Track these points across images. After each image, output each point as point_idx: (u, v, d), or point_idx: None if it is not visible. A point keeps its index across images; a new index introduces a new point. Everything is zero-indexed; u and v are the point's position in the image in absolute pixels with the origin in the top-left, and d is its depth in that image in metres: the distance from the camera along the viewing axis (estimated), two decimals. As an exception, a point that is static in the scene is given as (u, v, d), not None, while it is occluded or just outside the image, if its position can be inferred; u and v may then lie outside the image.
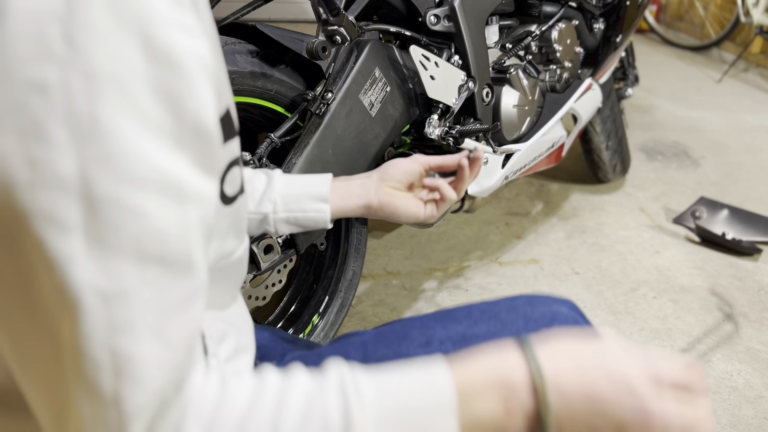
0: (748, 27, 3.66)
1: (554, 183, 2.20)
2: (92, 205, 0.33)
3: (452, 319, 0.68)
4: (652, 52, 3.96)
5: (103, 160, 0.33)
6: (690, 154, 2.51)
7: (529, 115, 1.43)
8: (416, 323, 0.69)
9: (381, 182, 0.82)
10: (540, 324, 0.67)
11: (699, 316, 1.59)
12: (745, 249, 1.82)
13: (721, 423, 1.28)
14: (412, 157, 0.83)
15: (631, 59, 2.07)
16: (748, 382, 1.39)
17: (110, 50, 0.33)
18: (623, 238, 1.90)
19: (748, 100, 3.21)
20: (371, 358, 0.65)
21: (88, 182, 0.33)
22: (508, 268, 1.72)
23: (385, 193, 0.81)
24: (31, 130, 0.32)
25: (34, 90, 0.32)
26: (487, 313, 0.68)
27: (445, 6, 1.17)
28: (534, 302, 0.70)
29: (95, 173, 0.33)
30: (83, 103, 0.33)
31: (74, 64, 0.33)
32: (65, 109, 0.32)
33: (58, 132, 0.33)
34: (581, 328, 0.65)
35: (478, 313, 0.69)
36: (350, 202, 0.81)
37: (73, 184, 0.33)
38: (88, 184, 0.33)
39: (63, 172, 0.33)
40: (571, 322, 0.68)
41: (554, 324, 0.67)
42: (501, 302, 0.70)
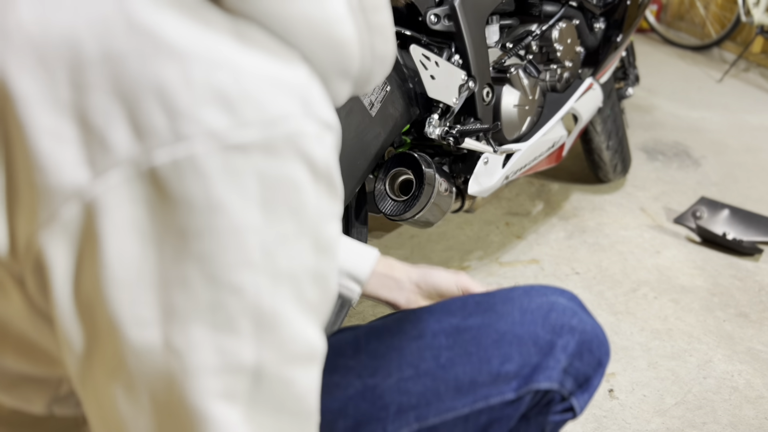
0: (748, 26, 3.66)
1: (555, 183, 2.19)
2: (259, 382, 0.38)
3: (446, 312, 0.68)
4: (653, 52, 3.95)
5: (276, 346, 0.38)
6: (691, 154, 2.50)
7: (529, 114, 1.43)
8: (409, 316, 0.68)
9: (417, 289, 0.78)
10: (536, 315, 0.66)
11: (699, 316, 1.58)
12: (746, 249, 1.82)
13: (721, 423, 1.28)
14: (457, 279, 0.78)
15: (631, 59, 2.06)
16: (749, 382, 1.39)
17: (293, 253, 0.37)
18: (624, 238, 1.90)
19: (749, 99, 3.21)
20: (363, 351, 0.65)
21: (260, 364, 0.37)
22: (509, 268, 1.72)
23: (414, 301, 0.78)
24: (225, 325, 0.36)
25: (233, 292, 0.36)
26: (483, 304, 0.68)
27: (445, 5, 1.17)
28: (531, 293, 0.69)
29: (267, 356, 0.37)
30: (268, 300, 0.37)
31: (265, 270, 0.36)
32: (254, 306, 0.36)
33: (246, 325, 0.36)
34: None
35: (473, 305, 0.68)
36: (381, 293, 0.78)
37: (249, 368, 0.37)
38: (260, 366, 0.37)
39: (244, 358, 0.37)
40: (569, 312, 0.67)
41: (551, 315, 0.66)
42: (497, 293, 0.69)
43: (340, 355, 0.65)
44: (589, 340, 0.67)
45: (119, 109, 0.34)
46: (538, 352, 0.65)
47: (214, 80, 0.34)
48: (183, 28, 0.35)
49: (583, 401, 0.68)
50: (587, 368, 0.66)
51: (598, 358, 0.67)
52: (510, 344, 0.64)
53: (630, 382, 1.36)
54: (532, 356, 0.64)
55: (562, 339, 0.65)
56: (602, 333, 0.69)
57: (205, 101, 0.34)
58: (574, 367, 0.66)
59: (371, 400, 0.62)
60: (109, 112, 0.34)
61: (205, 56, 0.35)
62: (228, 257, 0.35)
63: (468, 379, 0.63)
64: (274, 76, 0.36)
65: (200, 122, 0.34)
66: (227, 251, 0.35)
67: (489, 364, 0.64)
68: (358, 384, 0.63)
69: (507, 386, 0.64)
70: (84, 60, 0.35)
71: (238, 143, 0.34)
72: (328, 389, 0.62)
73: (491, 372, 0.64)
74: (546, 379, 0.64)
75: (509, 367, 0.64)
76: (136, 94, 0.34)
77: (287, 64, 0.37)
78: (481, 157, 1.30)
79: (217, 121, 0.34)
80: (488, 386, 0.63)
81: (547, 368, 0.64)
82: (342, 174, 1.05)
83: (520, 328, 0.65)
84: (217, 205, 0.34)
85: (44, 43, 0.35)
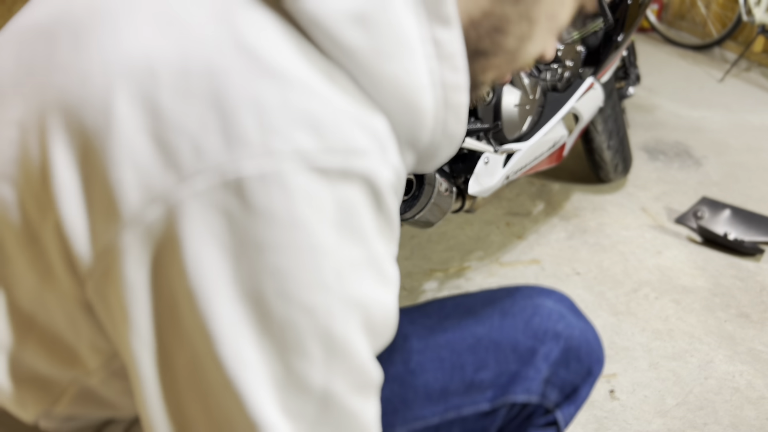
0: (750, 26, 3.65)
1: (555, 183, 2.19)
2: (326, 407, 0.39)
3: (422, 314, 0.64)
4: (654, 51, 3.95)
5: (345, 373, 0.39)
6: (692, 154, 2.50)
7: (530, 114, 1.43)
8: None
9: None
10: (518, 319, 0.62)
11: (701, 316, 1.58)
12: (747, 249, 1.81)
13: (722, 424, 1.27)
14: None
15: (632, 58, 2.06)
16: (750, 383, 1.38)
17: (361, 281, 0.39)
18: (625, 238, 1.89)
19: (751, 99, 3.20)
20: None
21: (329, 390, 0.38)
22: (509, 269, 1.72)
23: None
24: (294, 344, 0.37)
25: (305, 312, 0.36)
26: (461, 306, 0.64)
27: (445, 5, 1.17)
28: (515, 295, 0.64)
29: (336, 383, 0.38)
30: (338, 326, 0.38)
31: (337, 294, 0.37)
32: (324, 329, 0.37)
33: (316, 348, 0.37)
34: None
35: (451, 307, 0.64)
36: None
37: (317, 392, 0.38)
38: (328, 392, 0.38)
39: (313, 381, 0.38)
40: (555, 316, 0.63)
41: (534, 319, 0.62)
42: (479, 295, 0.65)
43: None
44: (576, 346, 0.62)
45: (214, 118, 0.35)
46: (516, 360, 0.60)
47: (308, 106, 0.36)
48: (286, 56, 0.37)
49: (568, 414, 0.63)
50: (574, 377, 0.62)
51: (588, 366, 0.63)
52: (486, 350, 0.60)
53: (631, 383, 1.36)
54: (509, 364, 0.60)
55: (544, 346, 0.61)
56: (594, 338, 0.64)
57: (298, 123, 0.36)
58: (558, 376, 0.61)
59: None
60: (203, 118, 0.35)
61: (303, 84, 0.37)
62: (303, 275, 0.36)
63: (439, 386, 0.59)
64: (359, 117, 0.38)
65: (291, 141, 0.35)
66: (303, 269, 0.36)
67: (462, 371, 0.60)
68: None
69: (481, 396, 0.60)
70: (189, 71, 0.36)
71: (322, 167, 0.36)
72: None
73: (464, 380, 0.60)
74: (524, 391, 0.60)
75: (484, 375, 0.60)
76: (233, 106, 0.35)
77: (370, 113, 0.40)
78: (481, 156, 1.30)
79: (306, 142, 0.35)
80: (461, 395, 0.59)
81: (526, 379, 0.60)
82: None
83: (498, 333, 0.61)
84: (298, 221, 0.35)
85: (147, 64, 0.37)
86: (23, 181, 0.39)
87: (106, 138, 0.36)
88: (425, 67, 0.41)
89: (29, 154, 0.39)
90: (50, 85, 0.39)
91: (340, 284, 0.37)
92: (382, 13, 0.39)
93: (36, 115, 0.39)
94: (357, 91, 0.40)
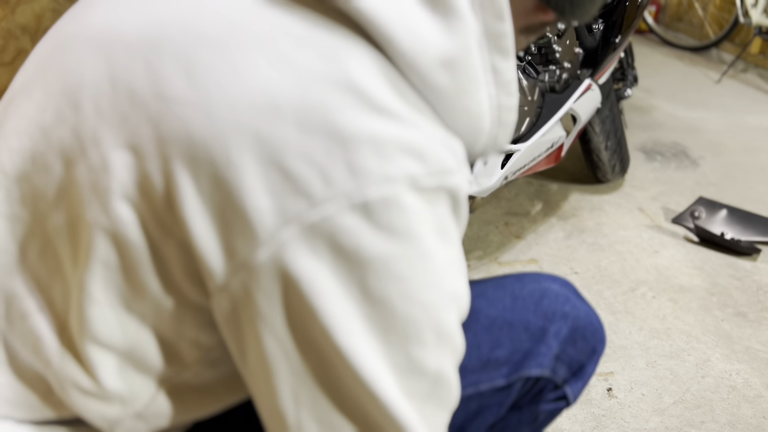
0: (747, 27, 3.67)
1: (553, 183, 2.20)
2: (437, 382, 0.46)
3: None
4: (651, 53, 3.96)
5: (450, 353, 0.47)
6: (689, 154, 2.51)
7: (528, 115, 1.44)
8: None
9: None
10: (528, 301, 0.65)
11: (698, 315, 1.59)
12: (744, 249, 1.82)
13: (720, 422, 1.28)
14: None
15: (630, 60, 2.07)
16: (747, 381, 1.39)
17: (455, 277, 0.47)
18: (622, 237, 1.91)
19: (747, 100, 3.21)
20: None
21: (440, 370, 0.46)
22: (508, 268, 1.73)
23: None
24: (415, 335, 0.44)
25: (423, 308, 0.45)
26: (473, 290, 0.66)
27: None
28: (523, 279, 0.68)
29: (445, 362, 0.47)
30: (445, 315, 0.46)
31: (444, 289, 0.46)
32: (436, 320, 0.45)
33: (430, 337, 0.45)
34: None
35: None
36: None
37: (432, 373, 0.46)
38: (440, 370, 0.46)
39: (428, 364, 0.45)
40: (562, 298, 0.66)
41: (543, 301, 0.65)
42: (489, 280, 0.68)
43: None
44: (582, 326, 0.66)
45: (337, 151, 0.41)
46: (529, 339, 0.64)
47: (412, 137, 0.43)
48: (388, 94, 0.44)
49: (576, 389, 0.66)
50: (581, 355, 0.65)
51: (593, 345, 0.66)
52: (501, 330, 0.64)
53: (628, 381, 1.37)
54: (523, 342, 0.63)
55: (554, 325, 0.64)
56: (597, 320, 0.68)
57: (407, 153, 0.43)
58: (567, 353, 0.65)
59: None
60: (328, 151, 0.41)
61: (404, 118, 0.44)
62: (421, 278, 0.44)
63: None
64: (446, 142, 0.46)
65: (404, 168, 0.42)
66: (421, 273, 0.44)
67: (479, 349, 0.63)
68: None
69: (497, 372, 0.63)
70: (308, 107, 0.42)
71: (426, 187, 0.43)
72: None
73: (481, 358, 0.63)
74: (537, 365, 0.63)
75: (500, 353, 0.63)
76: (353, 140, 0.42)
77: (451, 137, 0.48)
78: (480, 157, 1.31)
79: (414, 169, 0.43)
80: (478, 372, 0.62)
81: (539, 355, 0.63)
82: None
83: (511, 314, 0.64)
84: (414, 234, 0.43)
85: (270, 101, 0.42)
86: (144, 204, 0.44)
87: (238, 170, 0.42)
88: (486, 94, 0.49)
89: (151, 179, 0.44)
90: (169, 116, 0.44)
91: (445, 281, 0.45)
92: (465, 56, 0.46)
93: (155, 143, 0.44)
94: (438, 119, 0.47)
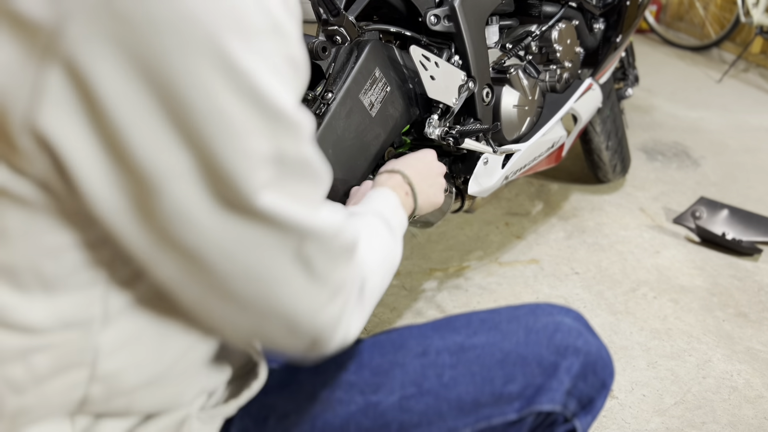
0: (748, 27, 3.66)
1: (554, 183, 2.20)
2: (282, 165, 0.45)
3: (451, 329, 0.67)
4: (652, 52, 3.96)
5: (281, 134, 0.44)
6: (690, 154, 2.51)
7: (529, 115, 1.43)
8: (414, 332, 0.67)
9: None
10: (541, 335, 0.65)
11: (699, 316, 1.59)
12: (745, 249, 1.82)
13: (720, 423, 1.28)
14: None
15: (631, 59, 2.07)
16: (748, 382, 1.39)
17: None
18: (623, 238, 1.90)
19: (748, 100, 3.21)
20: (366, 367, 0.65)
21: (279, 152, 0.44)
22: (508, 268, 1.72)
23: None
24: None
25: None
26: (488, 322, 0.67)
27: (445, 6, 1.17)
28: (537, 312, 0.68)
29: (283, 144, 0.45)
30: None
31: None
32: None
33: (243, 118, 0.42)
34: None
35: (477, 323, 0.67)
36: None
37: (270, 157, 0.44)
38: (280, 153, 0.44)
39: (262, 151, 0.43)
40: (575, 333, 0.66)
41: (556, 335, 0.66)
42: (503, 311, 0.69)
43: (343, 370, 0.64)
44: (593, 361, 0.66)
45: None
46: (542, 374, 0.64)
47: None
48: None
49: (586, 423, 0.67)
50: (591, 390, 0.66)
51: (602, 379, 0.67)
52: (514, 365, 0.64)
53: (629, 382, 1.37)
54: (535, 377, 0.64)
55: (566, 360, 0.65)
56: (607, 354, 0.68)
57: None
58: (578, 389, 0.65)
59: (373, 418, 0.62)
60: None
61: None
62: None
63: (471, 398, 0.63)
64: None
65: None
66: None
67: (492, 384, 0.63)
68: (361, 400, 0.63)
69: (509, 407, 0.63)
70: None
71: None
72: (330, 405, 0.62)
73: (494, 392, 0.63)
74: (549, 401, 0.63)
75: (512, 387, 0.63)
76: None
77: None
78: (480, 157, 1.31)
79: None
80: (491, 406, 0.63)
81: (551, 390, 0.63)
82: (342, 174, 1.06)
83: (524, 348, 0.65)
84: None
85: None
86: None
87: None
88: None
89: None
90: None
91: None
92: None
93: None
94: None
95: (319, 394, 0.63)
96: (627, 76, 2.06)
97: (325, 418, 0.61)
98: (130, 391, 0.51)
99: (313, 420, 0.62)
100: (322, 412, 0.62)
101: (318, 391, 0.63)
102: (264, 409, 0.63)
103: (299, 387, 0.64)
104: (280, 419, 0.62)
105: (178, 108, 0.39)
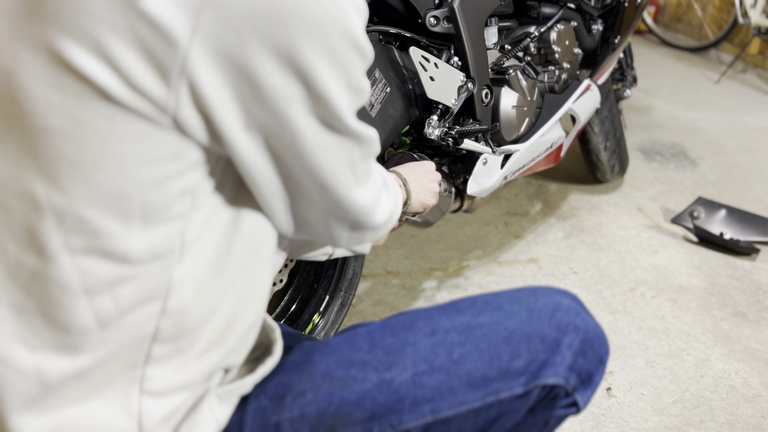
0: (745, 28, 3.67)
1: (553, 183, 2.20)
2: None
3: (457, 310, 0.70)
4: (651, 53, 3.97)
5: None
6: (688, 155, 2.52)
7: (527, 115, 1.44)
8: (422, 314, 0.70)
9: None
10: (543, 314, 0.69)
11: (697, 315, 1.60)
12: (743, 249, 1.83)
13: (719, 422, 1.29)
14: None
15: (629, 60, 2.08)
16: (746, 381, 1.40)
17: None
18: (621, 237, 1.91)
19: (746, 100, 3.22)
20: (378, 346, 0.67)
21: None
22: (507, 268, 1.73)
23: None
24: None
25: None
26: (491, 304, 0.71)
27: (444, 7, 1.18)
28: (537, 293, 0.72)
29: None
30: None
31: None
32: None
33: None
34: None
35: (482, 304, 0.71)
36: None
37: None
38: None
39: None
40: (573, 312, 0.70)
41: (557, 314, 0.70)
42: (504, 294, 0.72)
43: (356, 350, 0.67)
44: (591, 338, 0.70)
45: None
46: (545, 349, 0.68)
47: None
48: None
49: (586, 397, 0.70)
50: (590, 365, 0.69)
51: (600, 355, 0.70)
52: (519, 341, 0.68)
53: (628, 381, 1.37)
54: (539, 353, 0.67)
55: (567, 337, 0.68)
56: (602, 332, 0.72)
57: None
58: (578, 364, 0.69)
59: (387, 394, 0.65)
60: None
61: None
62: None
63: (480, 374, 0.66)
64: None
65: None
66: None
67: (499, 360, 0.67)
68: (375, 378, 0.65)
69: (516, 381, 0.67)
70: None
71: None
72: (345, 382, 0.65)
73: (501, 368, 0.67)
74: (553, 374, 0.67)
75: (518, 363, 0.67)
76: None
77: None
78: (479, 157, 1.31)
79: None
80: (499, 381, 0.66)
81: (554, 364, 0.67)
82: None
83: (528, 326, 0.69)
84: None
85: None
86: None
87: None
88: None
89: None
90: None
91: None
92: None
93: None
94: None
95: (334, 373, 0.66)
96: (625, 77, 2.07)
97: (341, 395, 0.64)
98: (193, 328, 0.56)
99: (329, 397, 0.64)
100: (338, 389, 0.65)
101: (333, 370, 0.66)
102: (280, 387, 0.65)
103: (314, 366, 0.66)
104: (296, 397, 0.64)
105: (301, 70, 0.51)
